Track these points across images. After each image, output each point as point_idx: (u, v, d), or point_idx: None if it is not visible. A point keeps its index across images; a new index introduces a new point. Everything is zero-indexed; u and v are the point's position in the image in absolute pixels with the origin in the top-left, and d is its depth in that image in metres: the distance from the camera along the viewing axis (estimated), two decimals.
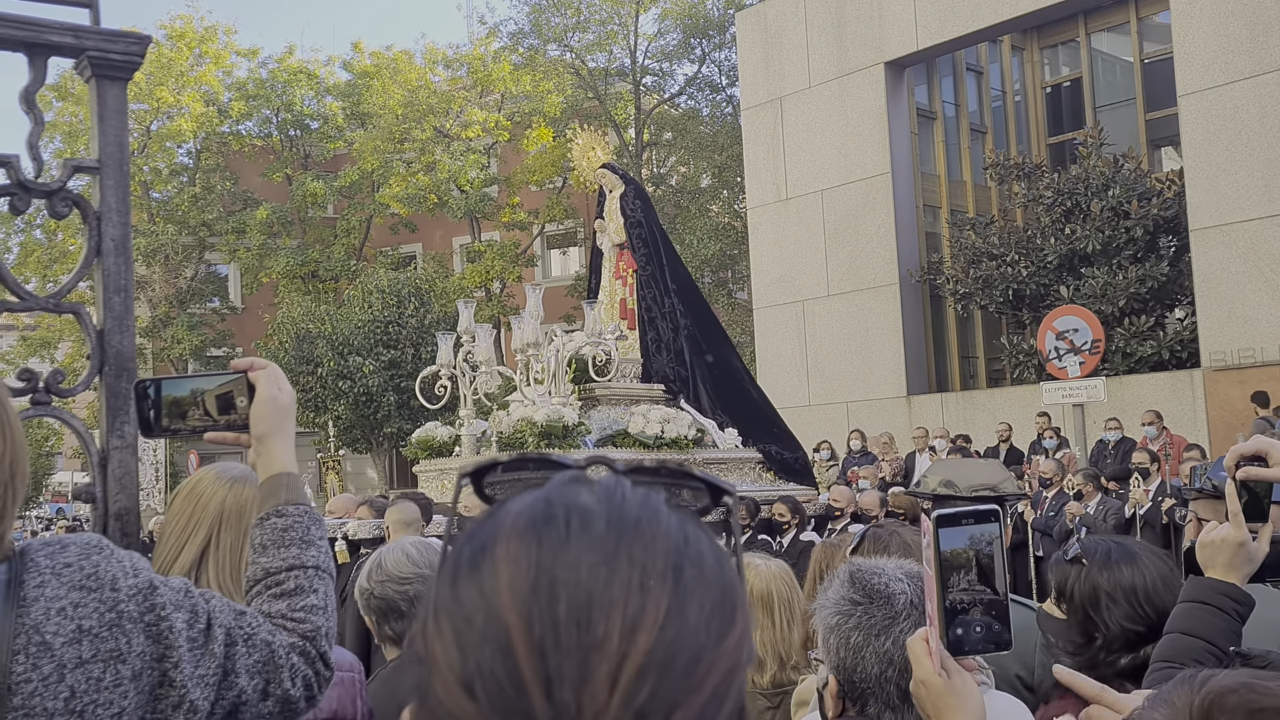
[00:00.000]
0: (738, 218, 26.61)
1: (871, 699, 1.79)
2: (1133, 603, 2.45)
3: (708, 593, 0.68)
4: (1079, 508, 10.99)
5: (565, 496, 0.70)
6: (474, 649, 0.66)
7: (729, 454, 10.72)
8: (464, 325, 10.52)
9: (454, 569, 0.70)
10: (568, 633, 0.64)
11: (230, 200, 29.71)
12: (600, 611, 0.65)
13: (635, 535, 0.68)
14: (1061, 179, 18.27)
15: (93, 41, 2.46)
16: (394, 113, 28.19)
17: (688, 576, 0.68)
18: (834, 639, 1.82)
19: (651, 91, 29.65)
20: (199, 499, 2.04)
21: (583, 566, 0.66)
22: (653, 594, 0.66)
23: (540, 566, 0.66)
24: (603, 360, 10.10)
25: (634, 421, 10.02)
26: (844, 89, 19.94)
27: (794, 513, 9.29)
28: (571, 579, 0.66)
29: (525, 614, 0.65)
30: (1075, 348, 13.72)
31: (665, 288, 11.34)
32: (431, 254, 30.86)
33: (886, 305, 19.29)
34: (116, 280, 2.48)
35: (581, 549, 0.67)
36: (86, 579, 1.19)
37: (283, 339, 24.90)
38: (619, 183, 11.70)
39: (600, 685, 0.63)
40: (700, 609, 0.67)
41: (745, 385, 11.89)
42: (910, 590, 1.83)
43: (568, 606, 0.65)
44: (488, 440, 10.13)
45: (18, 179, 2.44)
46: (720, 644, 0.67)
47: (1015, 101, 22.01)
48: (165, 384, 1.58)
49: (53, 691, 1.13)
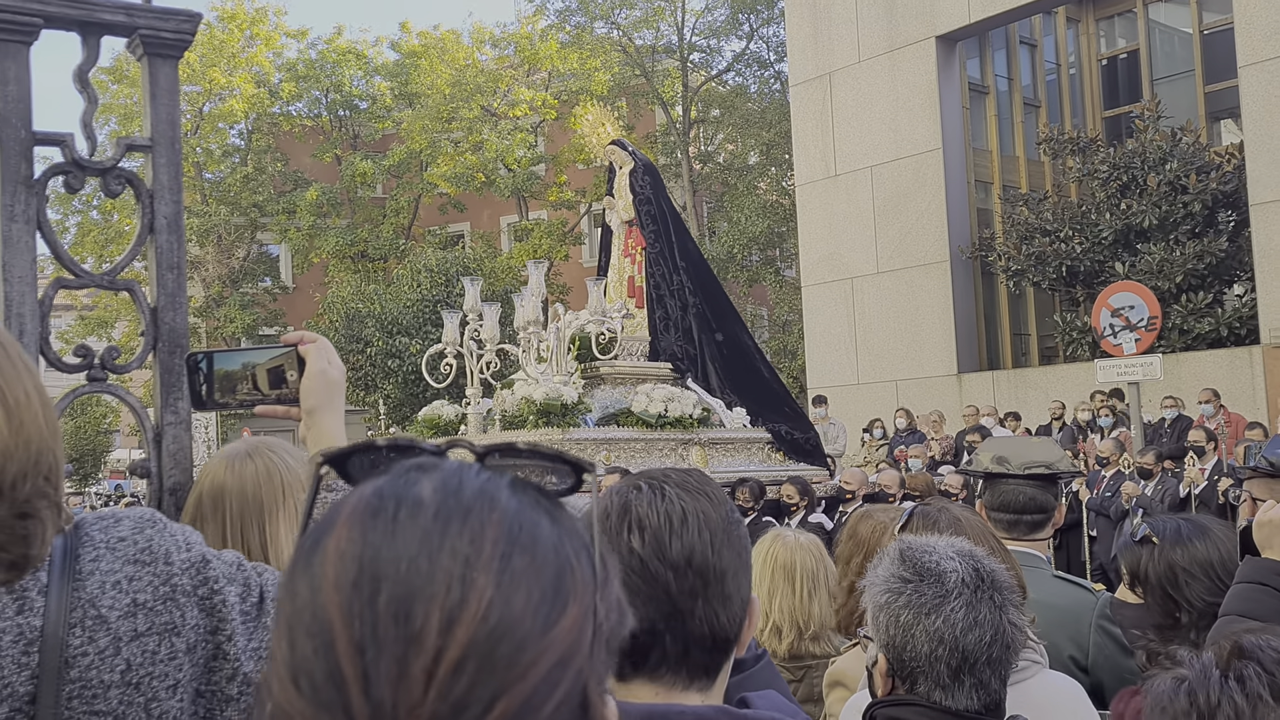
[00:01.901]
0: (786, 195, 26.43)
1: (921, 677, 1.77)
2: (1211, 576, 2.42)
3: (538, 578, 0.67)
4: (1135, 488, 10.82)
5: (397, 486, 0.70)
6: (301, 644, 0.66)
7: (736, 434, 10.51)
8: (470, 303, 10.31)
9: (293, 561, 0.70)
10: (386, 628, 0.64)
11: (281, 181, 30.01)
12: (420, 605, 0.64)
13: (463, 524, 0.67)
14: (1117, 153, 17.94)
15: (144, 19, 2.48)
16: (442, 92, 28.29)
17: (516, 564, 0.67)
18: (884, 617, 1.80)
19: (699, 68, 29.47)
20: (201, 486, 2.04)
21: (404, 559, 0.65)
22: (475, 584, 0.65)
23: (364, 560, 0.66)
24: (606, 338, 9.91)
25: (637, 400, 9.85)
26: (894, 63, 19.69)
27: (803, 494, 9.08)
28: (393, 572, 0.65)
29: (347, 609, 0.65)
30: (1131, 325, 13.49)
31: (674, 265, 11.17)
32: (479, 233, 30.98)
33: (937, 282, 19.08)
34: (169, 257, 2.51)
35: (405, 540, 0.66)
36: (141, 553, 1.20)
37: (333, 318, 25.15)
38: (628, 159, 11.50)
39: (416, 680, 0.63)
40: (528, 596, 0.66)
41: (756, 364, 11.69)
42: (961, 569, 1.80)
43: (388, 600, 0.65)
44: (492, 419, 10.02)
45: (72, 157, 2.47)
46: (549, 630, 0.66)
47: (1070, 74, 21.61)
48: (217, 357, 1.59)
49: (109, 664, 1.14)
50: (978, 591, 1.77)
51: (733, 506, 1.33)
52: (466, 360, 10.14)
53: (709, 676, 1.26)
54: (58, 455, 1.14)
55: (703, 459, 9.88)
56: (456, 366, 10.09)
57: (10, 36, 2.40)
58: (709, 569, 1.24)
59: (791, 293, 25.54)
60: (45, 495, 1.12)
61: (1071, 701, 2.26)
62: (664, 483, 1.30)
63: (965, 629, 1.74)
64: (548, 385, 9.29)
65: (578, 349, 10.02)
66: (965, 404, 16.15)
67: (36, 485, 1.11)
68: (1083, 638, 2.90)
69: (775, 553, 3.28)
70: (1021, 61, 21.49)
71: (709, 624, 1.23)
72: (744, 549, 1.30)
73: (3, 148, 2.40)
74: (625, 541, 1.25)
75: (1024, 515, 3.06)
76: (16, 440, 1.10)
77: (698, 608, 1.23)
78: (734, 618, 1.26)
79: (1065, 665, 2.77)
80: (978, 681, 1.75)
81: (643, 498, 1.28)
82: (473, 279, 10.76)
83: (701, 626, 1.23)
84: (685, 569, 1.23)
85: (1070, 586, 3.05)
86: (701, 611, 1.23)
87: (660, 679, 1.24)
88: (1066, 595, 2.97)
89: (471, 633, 0.64)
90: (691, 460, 9.77)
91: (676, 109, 28.81)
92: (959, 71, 19.83)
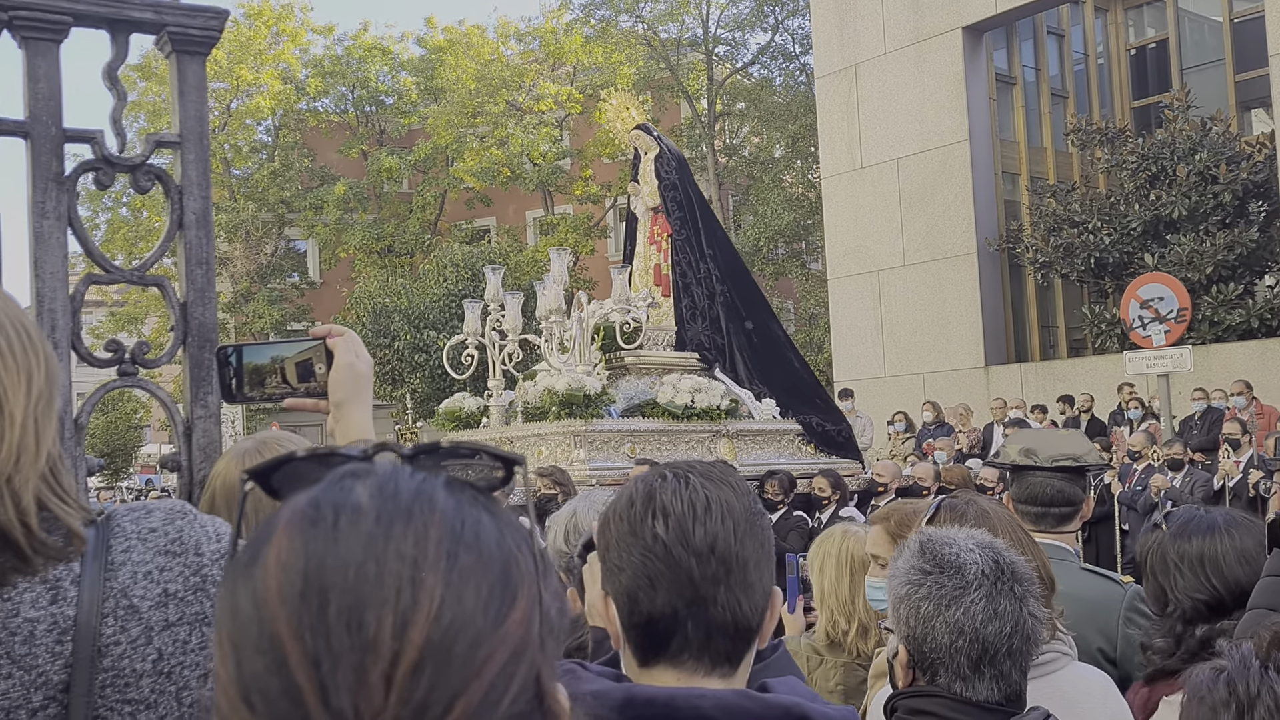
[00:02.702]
0: (811, 188, 26.33)
1: (942, 669, 1.78)
2: (1197, 573, 2.40)
3: (485, 574, 0.67)
4: (1164, 480, 10.74)
5: (333, 494, 0.69)
6: (249, 661, 0.65)
7: (765, 425, 10.23)
8: (491, 293, 10.15)
9: (232, 576, 0.69)
10: (339, 637, 0.63)
11: (308, 176, 30.16)
12: (371, 611, 0.64)
13: (406, 526, 0.67)
14: (1146, 143, 17.78)
15: (172, 17, 2.50)
16: (467, 87, 28.34)
17: (463, 562, 0.66)
18: (904, 609, 1.80)
19: (724, 61, 29.39)
20: (214, 485, 2.05)
21: (351, 567, 0.65)
22: (425, 585, 0.65)
23: (308, 570, 0.65)
24: (631, 328, 9.68)
25: (663, 391, 9.60)
26: (920, 55, 19.58)
27: (835, 487, 8.77)
28: (340, 581, 0.65)
29: (296, 623, 0.64)
30: (1160, 316, 13.37)
31: (701, 253, 10.88)
32: (505, 227, 31.04)
33: (964, 274, 18.97)
34: (198, 253, 2.53)
35: (349, 548, 0.66)
36: (171, 544, 1.21)
37: (360, 313, 25.27)
38: (653, 144, 11.23)
39: (375, 687, 0.63)
40: (477, 593, 0.66)
41: (786, 354, 11.40)
42: (981, 560, 1.79)
43: (338, 609, 0.64)
44: (514, 411, 9.84)
45: (102, 154, 2.49)
46: (501, 625, 0.66)
47: (1098, 65, 21.42)
48: (246, 351, 1.60)
49: (141, 654, 1.16)
50: (998, 583, 1.77)
51: (756, 499, 1.34)
52: (488, 351, 9.99)
53: (731, 664, 1.27)
54: (21, 456, 1.13)
55: (731, 451, 9.69)
56: (478, 358, 9.95)
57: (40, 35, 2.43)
58: (731, 557, 1.25)
59: (817, 286, 25.45)
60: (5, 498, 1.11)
61: (1101, 693, 2.25)
62: (689, 472, 1.31)
63: (985, 620, 1.74)
64: (570, 376, 9.08)
65: (602, 339, 9.81)
66: (993, 396, 16.06)
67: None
68: (1111, 630, 2.88)
69: (851, 550, 3.04)
70: (1049, 52, 21.31)
71: (731, 611, 1.25)
72: (766, 540, 1.31)
73: (34, 145, 2.43)
74: (649, 528, 1.26)
75: (1052, 508, 3.05)
76: None
77: (720, 594, 1.24)
78: (756, 607, 1.27)
79: (1094, 657, 2.76)
80: (998, 673, 1.74)
81: (667, 486, 1.29)
82: (494, 268, 10.60)
83: (724, 614, 1.24)
84: (708, 556, 1.25)
85: (1099, 579, 3.03)
86: (724, 598, 1.24)
87: (682, 665, 1.26)
88: (1095, 588, 2.96)
89: (426, 634, 0.64)
90: (719, 452, 9.58)
91: (701, 102, 28.75)
92: (986, 62, 19.70)
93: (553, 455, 8.88)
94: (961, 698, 1.74)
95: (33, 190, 2.41)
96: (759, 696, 1.19)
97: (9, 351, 1.16)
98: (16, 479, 1.14)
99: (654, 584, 1.25)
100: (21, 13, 2.36)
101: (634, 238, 11.51)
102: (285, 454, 0.77)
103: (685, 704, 1.16)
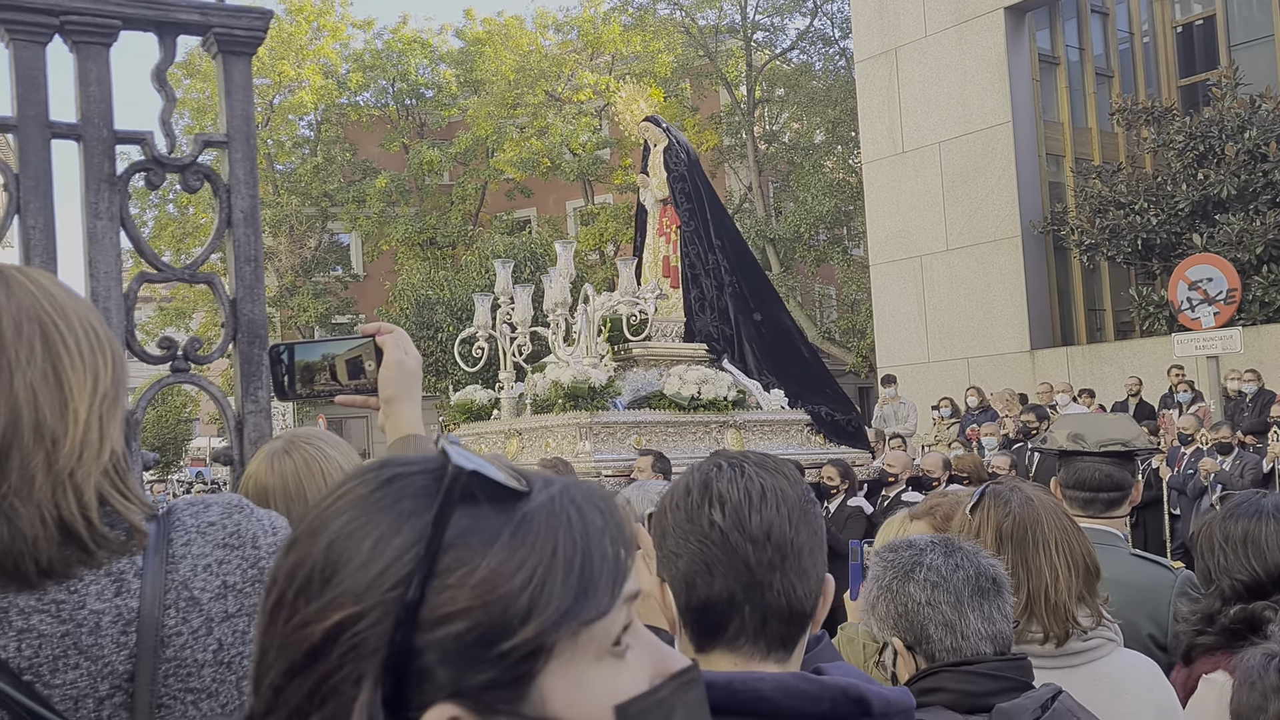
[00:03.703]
0: (852, 173, 26.15)
1: (930, 626, 1.83)
2: (1239, 554, 2.41)
3: None
4: (1214, 464, 10.59)
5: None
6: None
7: (773, 416, 10.14)
8: (501, 286, 10.09)
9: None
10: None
11: (350, 170, 30.40)
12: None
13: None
14: (1194, 122, 17.48)
15: (218, 18, 2.53)
16: (506, 78, 28.40)
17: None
18: (880, 602, 1.85)
19: (763, 47, 29.23)
20: (247, 486, 2.08)
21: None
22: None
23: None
24: (638, 320, 9.60)
25: (669, 383, 9.53)
26: (962, 37, 19.36)
27: (843, 477, 8.70)
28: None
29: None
30: (1209, 298, 13.17)
31: (710, 244, 10.82)
32: (546, 218, 31.11)
33: (1008, 258, 18.78)
34: (246, 250, 2.57)
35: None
36: (229, 537, 1.24)
37: (403, 305, 25.45)
38: (662, 136, 11.17)
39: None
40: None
41: (796, 344, 11.34)
42: (927, 540, 1.90)
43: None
44: (523, 403, 9.81)
45: (152, 155, 2.54)
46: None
47: (1144, 43, 21.07)
48: (298, 348, 1.64)
49: (202, 644, 1.19)
50: (948, 546, 1.86)
51: (808, 488, 1.38)
52: (500, 343, 9.94)
53: (785, 649, 1.31)
54: (25, 447, 1.15)
55: (738, 442, 9.59)
56: (489, 350, 9.89)
57: (91, 39, 2.47)
58: (786, 543, 1.29)
59: (859, 272, 25.29)
60: (18, 492, 1.14)
61: (1147, 679, 2.23)
62: (743, 462, 1.36)
63: (950, 570, 1.80)
64: (576, 368, 9.04)
65: (609, 331, 9.76)
66: (1039, 380, 15.90)
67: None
68: (1161, 616, 2.86)
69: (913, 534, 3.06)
70: (1093, 30, 20.99)
71: (786, 596, 1.29)
72: (819, 528, 1.35)
73: (87, 147, 2.48)
74: (706, 515, 1.31)
75: (1100, 493, 3.02)
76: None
77: (775, 580, 1.28)
78: (810, 593, 1.31)
79: (1144, 644, 2.74)
80: (982, 614, 1.80)
81: (723, 475, 1.33)
82: (504, 262, 10.52)
83: (779, 599, 1.28)
84: (764, 542, 1.29)
85: (1148, 564, 3.01)
86: (779, 584, 1.28)
87: (739, 649, 1.29)
88: (1144, 573, 2.94)
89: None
90: (726, 443, 9.48)
91: (741, 89, 28.61)
92: (1029, 43, 19.44)
93: (559, 447, 8.89)
94: (964, 662, 1.77)
95: (86, 191, 2.47)
96: (815, 679, 1.21)
97: (77, 351, 1.20)
98: (79, 473, 1.17)
99: (711, 570, 1.29)
100: (73, 18, 2.41)
101: (643, 230, 11.45)
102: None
103: (743, 687, 1.19)
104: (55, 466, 1.15)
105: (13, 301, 1.19)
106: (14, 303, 1.19)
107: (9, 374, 1.15)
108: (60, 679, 1.13)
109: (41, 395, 1.16)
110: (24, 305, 1.19)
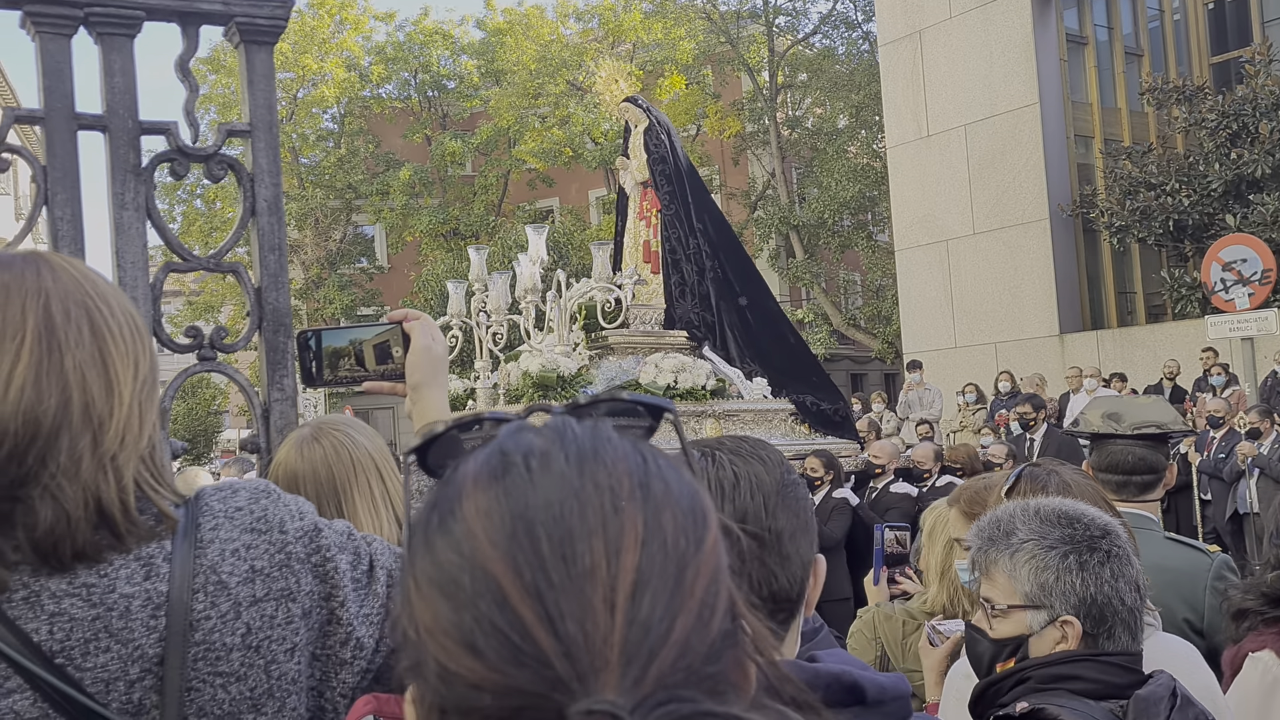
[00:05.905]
0: (877, 158, 26.00)
1: (1121, 628, 1.81)
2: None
3: (677, 502, 0.70)
4: (1251, 448, 10.46)
5: (516, 444, 0.72)
6: (468, 607, 0.66)
7: (755, 405, 9.75)
8: (475, 273, 9.86)
9: (425, 537, 0.71)
10: (556, 569, 0.66)
11: (373, 162, 30.53)
12: (582, 542, 0.66)
13: (595, 463, 0.70)
14: (1226, 100, 17.25)
15: (240, 7, 2.53)
16: (527, 68, 28.41)
17: (655, 490, 0.70)
18: (1065, 579, 1.79)
19: (785, 32, 29.08)
20: (276, 474, 2.08)
21: (553, 503, 0.68)
22: (626, 513, 0.68)
23: (513, 513, 0.68)
24: (612, 307, 9.31)
25: (645, 371, 9.21)
26: (987, 18, 19.19)
27: (828, 468, 8.28)
28: (545, 517, 0.67)
29: (511, 561, 0.66)
30: (1244, 279, 13.02)
31: (690, 227, 10.39)
32: (568, 207, 31.14)
33: (1036, 241, 18.63)
34: (270, 239, 2.57)
35: (547, 487, 0.69)
36: (257, 522, 1.25)
37: (427, 295, 25.55)
38: (643, 117, 10.68)
39: (600, 611, 0.65)
40: (674, 518, 0.69)
41: (782, 330, 10.98)
42: (1103, 518, 1.85)
43: (549, 544, 0.66)
44: (497, 393, 9.56)
45: (176, 145, 2.54)
46: (700, 548, 0.69)
47: (1174, 20, 20.81)
48: (325, 335, 1.64)
49: (230, 628, 1.19)
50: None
51: (790, 469, 1.34)
52: (475, 332, 9.73)
53: (774, 636, 1.28)
54: (49, 434, 1.15)
55: (717, 432, 9.13)
56: (462, 339, 9.70)
57: (115, 30, 2.48)
58: (763, 531, 1.26)
59: (885, 257, 25.16)
60: (39, 480, 1.14)
61: (1186, 664, 2.21)
62: (716, 449, 1.32)
63: (1138, 573, 1.81)
64: (546, 357, 8.83)
65: (584, 318, 9.52)
66: (1068, 365, 15.78)
67: (26, 470, 1.14)
68: (1198, 600, 2.83)
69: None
70: (1122, 9, 20.74)
71: (767, 585, 1.26)
72: (802, 510, 1.31)
73: (112, 138, 2.49)
74: None
75: (1134, 476, 2.99)
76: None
77: (754, 569, 1.25)
78: (794, 578, 1.28)
79: (1180, 628, 2.71)
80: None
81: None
82: (478, 249, 10.33)
83: (760, 588, 1.26)
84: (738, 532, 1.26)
85: (1184, 548, 2.97)
86: (758, 573, 1.25)
87: None
88: (1180, 557, 2.90)
89: (637, 558, 0.67)
90: (705, 434, 9.10)
91: (763, 75, 28.48)
92: (1056, 22, 19.25)
93: None
94: (1109, 654, 1.74)
95: (112, 182, 2.47)
96: (808, 666, 1.21)
97: (121, 337, 1.22)
98: (121, 457, 1.18)
99: None
100: (96, 9, 2.41)
101: (624, 214, 11.06)
102: (436, 430, 0.80)
103: None
104: (100, 449, 1.17)
105: (59, 286, 1.20)
106: (60, 287, 1.20)
107: (60, 355, 1.17)
108: (91, 662, 1.14)
109: (90, 378, 1.18)
110: (69, 290, 1.21)
